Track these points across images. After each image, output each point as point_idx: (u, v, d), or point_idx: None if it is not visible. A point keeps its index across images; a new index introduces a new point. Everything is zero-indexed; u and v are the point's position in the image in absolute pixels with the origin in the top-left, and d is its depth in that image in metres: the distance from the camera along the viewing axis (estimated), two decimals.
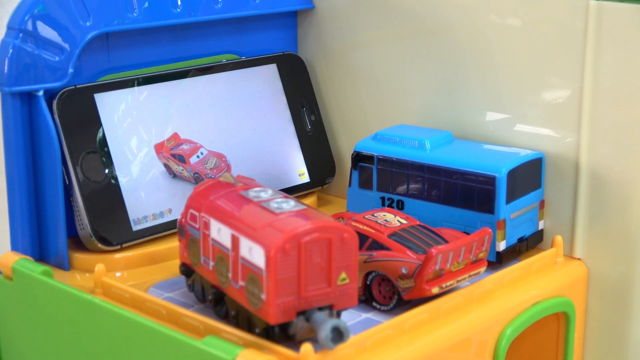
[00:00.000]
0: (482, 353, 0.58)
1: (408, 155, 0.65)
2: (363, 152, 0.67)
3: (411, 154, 0.65)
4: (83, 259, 0.66)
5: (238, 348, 0.49)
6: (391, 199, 0.66)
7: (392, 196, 0.66)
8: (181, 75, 0.72)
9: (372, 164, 0.66)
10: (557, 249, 0.65)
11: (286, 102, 0.77)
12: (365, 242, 0.58)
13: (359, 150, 0.67)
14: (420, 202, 0.65)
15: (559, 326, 0.65)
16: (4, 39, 0.63)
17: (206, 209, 0.55)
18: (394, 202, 0.66)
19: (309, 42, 0.80)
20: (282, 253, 0.49)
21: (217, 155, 0.72)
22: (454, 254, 0.56)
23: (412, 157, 0.65)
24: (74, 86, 0.66)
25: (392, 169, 0.65)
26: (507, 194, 0.62)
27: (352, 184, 0.68)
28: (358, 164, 0.67)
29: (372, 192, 0.67)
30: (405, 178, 0.65)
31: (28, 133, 0.64)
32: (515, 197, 0.63)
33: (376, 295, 0.58)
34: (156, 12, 0.69)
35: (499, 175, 0.62)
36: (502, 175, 0.62)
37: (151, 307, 0.57)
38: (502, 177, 0.62)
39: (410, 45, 0.73)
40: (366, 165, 0.67)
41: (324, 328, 0.48)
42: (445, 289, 0.56)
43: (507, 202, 0.62)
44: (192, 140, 0.71)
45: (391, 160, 0.65)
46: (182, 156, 0.70)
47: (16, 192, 0.64)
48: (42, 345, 0.62)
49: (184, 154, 0.70)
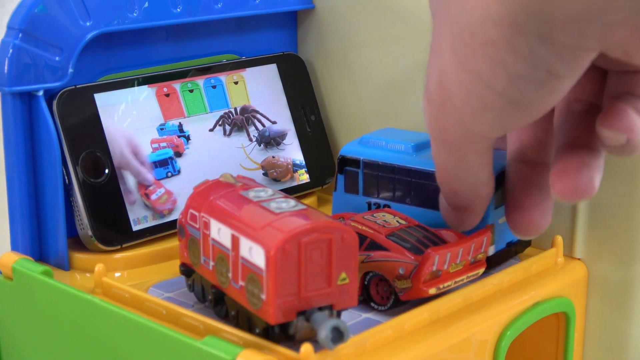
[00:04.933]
0: (482, 353, 0.58)
1: (394, 159, 0.63)
2: (348, 156, 0.65)
3: (397, 157, 0.63)
4: (83, 259, 0.66)
5: (238, 348, 0.49)
6: (377, 204, 0.65)
7: (378, 201, 0.65)
8: (181, 75, 0.72)
9: (358, 167, 0.65)
10: (557, 249, 0.65)
11: (286, 102, 0.77)
12: (363, 242, 0.58)
13: (344, 154, 0.65)
14: (407, 206, 0.63)
15: (559, 326, 0.65)
16: (4, 39, 0.63)
17: (206, 209, 0.55)
18: (380, 207, 0.64)
19: (309, 42, 0.80)
20: (282, 253, 0.49)
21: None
22: (452, 255, 0.56)
23: (397, 161, 0.63)
24: (74, 86, 0.66)
25: (378, 173, 0.64)
26: (496, 199, 0.60)
27: (337, 188, 0.66)
28: (344, 168, 0.65)
29: (358, 197, 0.65)
30: (391, 182, 0.64)
31: (28, 133, 0.64)
32: (504, 202, 0.60)
33: (374, 295, 0.58)
34: (156, 12, 0.69)
35: None
36: None
37: (151, 307, 0.57)
38: None
39: (410, 45, 0.73)
40: (352, 170, 0.65)
41: (324, 328, 0.48)
42: (442, 289, 0.56)
43: (496, 207, 0.61)
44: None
45: (377, 164, 0.64)
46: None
47: (16, 192, 0.64)
48: (42, 345, 0.62)
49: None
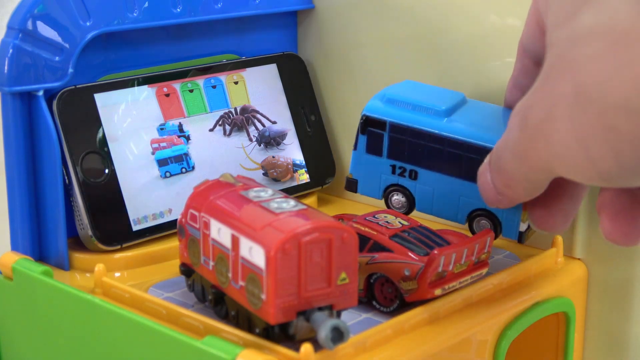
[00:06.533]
0: (482, 353, 0.58)
1: (424, 124, 0.60)
2: (373, 116, 0.62)
3: (427, 122, 0.60)
4: (83, 259, 0.66)
5: (238, 348, 0.49)
6: (403, 168, 0.62)
7: (404, 165, 0.62)
8: (181, 75, 0.72)
9: (384, 130, 0.62)
10: (557, 249, 0.65)
11: (286, 102, 0.77)
12: (366, 244, 0.58)
13: (368, 114, 0.62)
14: (437, 174, 0.61)
15: (559, 326, 0.65)
16: (4, 39, 0.63)
17: (206, 209, 0.55)
18: (406, 172, 0.62)
19: (309, 42, 0.80)
20: (282, 253, 0.49)
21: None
22: (457, 255, 0.56)
23: (429, 126, 0.60)
24: (74, 86, 0.66)
25: (406, 138, 0.61)
26: None
27: (358, 148, 0.63)
28: (367, 129, 0.62)
29: (381, 159, 0.62)
30: (421, 148, 0.61)
31: (28, 133, 0.64)
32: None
33: (378, 296, 0.58)
34: (156, 12, 0.69)
35: None
36: None
37: (151, 307, 0.57)
38: None
39: (410, 45, 0.73)
40: (376, 131, 0.62)
41: (324, 328, 0.48)
42: (447, 290, 0.56)
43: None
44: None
45: (406, 128, 0.61)
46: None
47: (16, 192, 0.64)
48: (42, 345, 0.62)
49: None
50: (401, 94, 0.62)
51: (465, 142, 0.59)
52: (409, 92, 0.63)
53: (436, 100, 0.61)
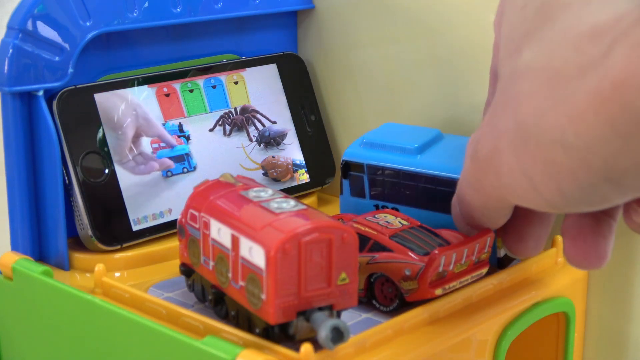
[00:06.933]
0: (482, 353, 0.58)
1: (398, 162, 0.63)
2: (352, 160, 0.64)
3: (401, 160, 0.63)
4: (83, 259, 0.66)
5: (238, 348, 0.49)
6: (385, 207, 0.64)
7: (386, 204, 0.64)
8: (181, 75, 0.72)
9: (362, 172, 0.64)
10: (557, 249, 0.65)
11: (286, 102, 0.77)
12: (367, 244, 0.58)
13: (347, 159, 0.65)
14: (415, 210, 0.63)
15: (559, 326, 0.65)
16: (4, 39, 0.63)
17: (206, 209, 0.55)
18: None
19: (309, 42, 0.80)
20: (282, 253, 0.49)
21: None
22: (457, 255, 0.56)
23: (402, 164, 0.62)
24: (74, 86, 0.66)
25: (383, 178, 0.63)
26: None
27: (343, 192, 0.65)
28: (348, 173, 0.65)
29: (365, 201, 0.65)
30: (397, 186, 0.63)
31: (28, 133, 0.64)
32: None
33: (378, 295, 0.58)
34: (156, 12, 0.69)
35: None
36: None
37: (151, 307, 0.57)
38: None
39: (410, 45, 0.73)
40: (356, 174, 0.64)
41: (324, 328, 0.48)
42: (448, 290, 0.56)
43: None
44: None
45: (381, 168, 0.63)
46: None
47: (16, 192, 0.64)
48: (42, 345, 0.62)
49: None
50: (378, 137, 0.65)
51: (437, 176, 0.61)
52: (386, 134, 0.65)
53: (410, 139, 0.64)
